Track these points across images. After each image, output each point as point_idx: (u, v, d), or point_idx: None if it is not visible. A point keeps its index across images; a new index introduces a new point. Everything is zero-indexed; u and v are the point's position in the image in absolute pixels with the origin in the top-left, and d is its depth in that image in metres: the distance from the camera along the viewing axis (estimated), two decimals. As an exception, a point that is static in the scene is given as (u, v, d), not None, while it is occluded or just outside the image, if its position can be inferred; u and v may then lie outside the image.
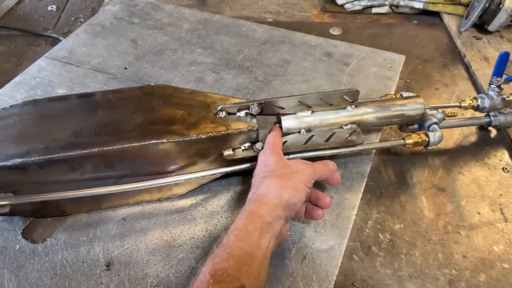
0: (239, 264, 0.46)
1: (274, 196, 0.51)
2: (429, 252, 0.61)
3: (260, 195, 0.52)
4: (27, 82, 0.83)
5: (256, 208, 0.51)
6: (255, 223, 0.49)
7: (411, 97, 0.70)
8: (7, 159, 0.54)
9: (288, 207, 0.52)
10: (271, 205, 0.51)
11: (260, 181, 0.54)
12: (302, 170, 0.56)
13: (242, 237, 0.48)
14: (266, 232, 0.49)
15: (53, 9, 1.18)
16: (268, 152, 0.58)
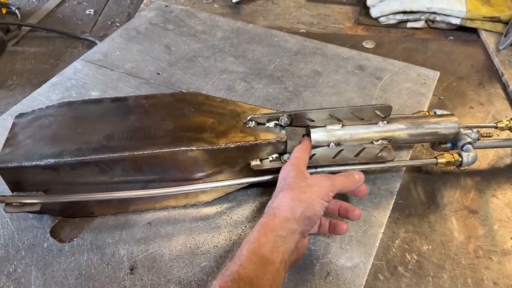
0: (249, 277, 0.45)
1: (286, 209, 0.51)
2: (458, 276, 0.59)
3: (274, 208, 0.51)
4: (63, 83, 0.86)
5: (269, 221, 0.50)
6: (267, 236, 0.48)
7: (445, 115, 0.68)
8: (40, 159, 0.56)
9: (303, 220, 0.51)
10: (284, 218, 0.50)
11: (276, 194, 0.54)
12: (319, 183, 0.55)
13: (253, 249, 0.47)
14: (279, 246, 0.48)
15: (90, 12, 1.21)
16: (289, 166, 0.58)
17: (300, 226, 0.51)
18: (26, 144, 0.58)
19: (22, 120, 0.62)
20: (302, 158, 0.60)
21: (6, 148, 0.58)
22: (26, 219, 0.63)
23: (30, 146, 0.58)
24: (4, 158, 0.56)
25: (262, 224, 0.50)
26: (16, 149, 0.58)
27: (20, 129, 0.61)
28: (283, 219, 0.50)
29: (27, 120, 0.62)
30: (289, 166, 0.58)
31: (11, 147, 0.58)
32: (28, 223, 0.62)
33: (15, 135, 0.60)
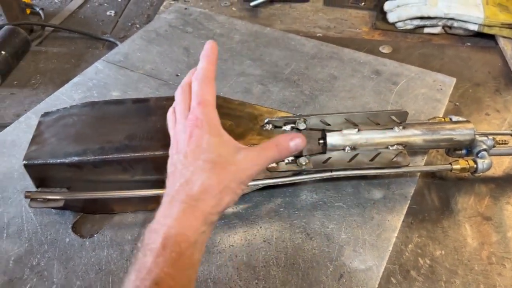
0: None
1: (211, 203, 0.47)
2: (471, 282, 0.59)
3: (195, 196, 0.46)
4: (85, 83, 0.88)
5: (191, 213, 0.46)
6: (187, 235, 0.45)
7: (461, 122, 0.69)
8: (65, 157, 0.58)
9: (224, 210, 0.48)
10: (207, 214, 0.46)
11: (191, 169, 0.47)
12: (250, 166, 0.49)
13: (173, 248, 0.43)
14: (201, 242, 0.46)
15: (111, 14, 1.24)
16: (200, 110, 0.49)
17: (219, 215, 0.48)
18: (51, 142, 0.60)
19: (47, 119, 0.64)
20: (211, 89, 0.51)
21: (32, 146, 0.60)
22: (49, 214, 0.65)
23: (55, 144, 0.60)
24: (31, 155, 0.59)
25: (184, 212, 0.44)
26: (42, 147, 0.60)
27: (45, 127, 0.63)
28: (207, 214, 0.45)
29: (52, 119, 0.64)
30: (200, 110, 0.49)
31: (37, 145, 0.60)
32: (51, 218, 0.64)
33: (41, 133, 0.62)
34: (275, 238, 0.62)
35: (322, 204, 0.67)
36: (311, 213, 0.65)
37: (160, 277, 0.40)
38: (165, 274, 0.41)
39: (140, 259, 0.42)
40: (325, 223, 0.64)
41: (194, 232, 0.44)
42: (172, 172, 0.49)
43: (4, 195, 0.67)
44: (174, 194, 0.46)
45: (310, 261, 0.59)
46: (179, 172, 0.47)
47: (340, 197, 0.68)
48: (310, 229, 0.63)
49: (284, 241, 0.62)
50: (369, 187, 0.69)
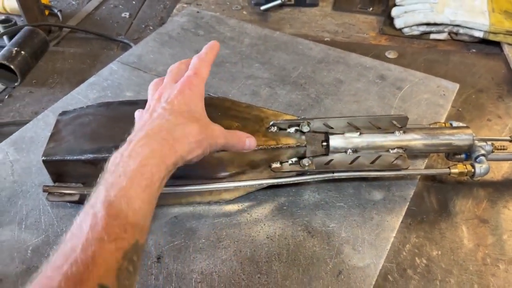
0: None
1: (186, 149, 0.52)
2: (465, 281, 0.62)
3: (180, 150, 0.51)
4: (100, 83, 0.92)
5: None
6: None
7: (460, 128, 0.71)
8: (81, 154, 0.61)
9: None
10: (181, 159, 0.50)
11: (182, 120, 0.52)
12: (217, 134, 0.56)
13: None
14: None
15: (126, 16, 1.28)
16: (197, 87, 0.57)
17: (183, 164, 0.51)
18: (68, 140, 0.64)
19: (64, 118, 0.68)
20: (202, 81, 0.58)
21: (50, 143, 0.64)
22: (64, 208, 0.68)
23: (71, 141, 0.64)
24: (49, 151, 0.62)
25: (162, 147, 0.48)
26: (60, 144, 0.64)
27: (63, 126, 0.67)
28: (178, 157, 0.49)
29: (69, 118, 0.68)
30: (195, 78, 0.57)
31: (55, 142, 0.64)
32: (66, 211, 0.68)
33: (58, 131, 0.66)
34: (278, 235, 0.65)
35: (324, 204, 0.70)
36: (313, 212, 0.68)
37: (132, 197, 0.42)
38: (136, 195, 0.43)
39: (112, 179, 0.44)
40: (326, 222, 0.67)
41: (165, 169, 0.47)
42: (150, 113, 0.53)
43: (23, 189, 0.71)
44: (154, 132, 0.49)
45: (310, 257, 0.62)
46: (159, 114, 0.52)
47: (342, 197, 0.70)
48: (311, 227, 0.66)
49: (286, 238, 0.65)
50: (369, 189, 0.71)
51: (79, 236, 0.37)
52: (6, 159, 0.76)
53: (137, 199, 0.42)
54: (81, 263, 0.35)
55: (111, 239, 0.38)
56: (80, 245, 0.36)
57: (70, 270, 0.34)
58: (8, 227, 0.66)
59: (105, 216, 0.39)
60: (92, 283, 0.35)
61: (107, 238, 0.38)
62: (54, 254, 0.37)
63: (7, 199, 0.69)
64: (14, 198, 0.70)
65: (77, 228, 0.39)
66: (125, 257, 0.38)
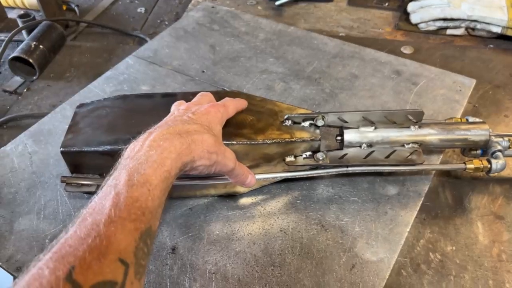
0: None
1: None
2: (480, 277, 0.61)
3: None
4: (116, 77, 0.93)
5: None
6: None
7: (477, 123, 0.70)
8: (98, 145, 0.62)
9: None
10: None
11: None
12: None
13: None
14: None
15: (141, 11, 1.29)
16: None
17: (189, 171, 0.52)
18: (86, 132, 0.65)
19: (82, 110, 0.69)
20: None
21: (68, 135, 0.65)
22: (81, 198, 0.70)
23: (89, 133, 0.65)
24: (67, 143, 0.63)
25: (181, 144, 0.49)
26: (77, 135, 0.65)
27: (80, 118, 0.68)
28: (191, 160, 0.50)
29: (87, 110, 0.69)
30: (223, 108, 0.61)
31: (73, 133, 0.65)
32: (83, 202, 0.69)
33: (76, 123, 0.67)
34: (291, 228, 0.66)
35: (337, 198, 0.70)
36: (327, 206, 0.68)
37: (154, 184, 0.43)
38: (158, 184, 0.44)
39: (133, 164, 0.45)
40: (340, 216, 0.67)
41: (180, 165, 0.48)
42: (174, 117, 0.57)
43: (41, 180, 0.72)
44: (175, 130, 0.50)
45: (324, 251, 0.62)
46: (182, 119, 0.55)
47: (356, 192, 0.70)
48: (325, 221, 0.66)
49: (300, 232, 0.65)
50: (384, 183, 0.71)
51: (101, 212, 0.39)
52: (25, 151, 0.77)
53: (157, 188, 0.44)
54: (104, 237, 0.37)
55: (131, 219, 0.40)
56: (103, 220, 0.38)
57: (94, 242, 0.36)
58: (27, 217, 0.67)
59: (127, 197, 0.41)
60: (114, 256, 0.36)
61: (128, 218, 0.39)
62: (73, 226, 0.38)
63: (26, 190, 0.71)
64: (32, 188, 0.71)
65: (99, 205, 0.40)
66: (141, 238, 0.40)
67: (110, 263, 0.36)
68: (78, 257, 0.35)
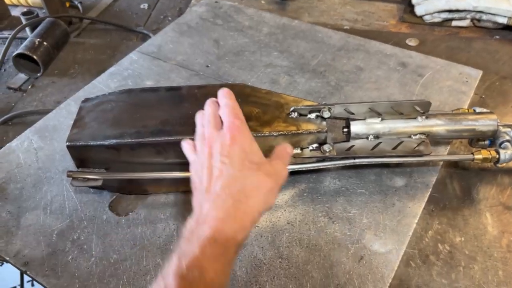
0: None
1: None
2: (489, 268, 0.61)
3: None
4: (120, 73, 0.93)
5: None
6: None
7: (484, 113, 0.70)
8: (104, 139, 0.62)
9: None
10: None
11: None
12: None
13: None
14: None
15: (144, 7, 1.29)
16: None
17: (259, 218, 0.48)
18: (91, 126, 0.65)
19: (87, 105, 0.69)
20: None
21: (74, 129, 0.65)
22: (87, 193, 0.70)
23: (95, 127, 0.64)
24: (73, 137, 0.63)
25: (234, 208, 0.45)
26: (83, 130, 0.64)
27: (86, 112, 0.68)
28: (255, 213, 0.47)
29: (92, 105, 0.69)
30: (239, 122, 0.53)
31: (79, 128, 0.65)
32: (90, 197, 0.69)
33: (82, 117, 0.67)
34: (299, 221, 0.65)
35: (344, 190, 0.69)
36: (334, 198, 0.68)
37: (205, 267, 0.41)
38: (209, 265, 0.41)
39: (185, 246, 0.43)
40: (347, 208, 0.67)
41: (242, 230, 0.44)
42: (208, 171, 0.49)
43: (47, 175, 0.72)
44: (223, 192, 0.46)
45: (331, 243, 0.62)
46: (220, 171, 0.48)
47: (363, 184, 0.70)
48: (332, 213, 0.66)
49: (307, 224, 0.65)
50: (391, 175, 0.71)
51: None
52: (31, 147, 0.77)
53: (210, 270, 0.41)
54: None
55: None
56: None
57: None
58: (33, 212, 0.67)
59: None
60: None
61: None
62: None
63: (32, 185, 0.71)
64: (39, 184, 0.71)
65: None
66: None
67: None
68: None
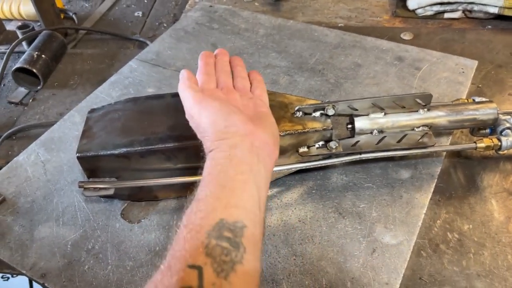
0: (213, 200, 0.43)
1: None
2: (499, 253, 0.62)
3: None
4: (121, 82, 0.93)
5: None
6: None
7: (484, 102, 0.71)
8: (114, 148, 0.63)
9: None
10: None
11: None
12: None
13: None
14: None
15: (139, 15, 1.29)
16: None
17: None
18: (100, 136, 0.66)
19: (94, 115, 0.70)
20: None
21: (83, 140, 0.66)
22: (99, 203, 0.70)
23: (103, 137, 0.65)
24: (83, 148, 0.64)
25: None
26: (92, 140, 0.65)
27: (93, 122, 0.68)
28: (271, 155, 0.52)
29: (99, 115, 0.69)
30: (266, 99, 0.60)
31: (87, 138, 0.66)
32: (101, 206, 0.70)
33: (89, 128, 0.67)
34: (309, 218, 0.66)
35: (352, 185, 0.70)
36: (342, 194, 0.69)
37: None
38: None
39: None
40: (356, 203, 0.68)
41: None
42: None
43: (57, 187, 0.73)
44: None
45: (343, 237, 0.63)
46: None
47: (369, 178, 0.71)
48: (342, 208, 0.67)
49: (318, 221, 0.66)
50: (396, 168, 0.72)
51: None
52: (38, 160, 0.78)
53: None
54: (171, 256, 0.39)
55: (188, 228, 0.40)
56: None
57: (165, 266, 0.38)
58: (46, 224, 0.68)
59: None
60: (181, 266, 0.37)
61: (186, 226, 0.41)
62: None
63: (42, 198, 0.71)
64: (49, 196, 0.72)
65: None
66: (211, 236, 0.38)
67: (178, 273, 0.36)
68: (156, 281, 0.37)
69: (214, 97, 0.53)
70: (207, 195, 0.43)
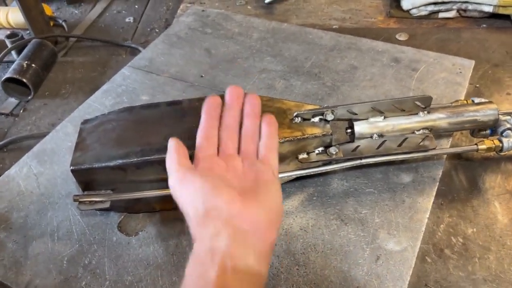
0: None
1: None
2: (504, 257, 0.61)
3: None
4: (114, 90, 0.91)
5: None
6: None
7: (484, 103, 0.70)
8: (109, 160, 0.61)
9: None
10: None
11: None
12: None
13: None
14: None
15: (130, 20, 1.28)
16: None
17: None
18: (94, 148, 0.64)
19: (88, 126, 0.68)
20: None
21: (77, 152, 0.64)
22: (94, 216, 0.68)
23: (98, 149, 0.63)
24: (77, 160, 0.62)
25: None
26: (86, 152, 0.63)
27: (87, 134, 0.66)
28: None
29: (92, 126, 0.68)
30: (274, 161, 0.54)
31: (81, 150, 0.64)
32: (97, 219, 0.68)
33: (83, 139, 0.66)
34: (311, 225, 0.65)
35: (353, 191, 0.69)
36: (344, 200, 0.68)
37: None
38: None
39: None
40: (358, 209, 0.67)
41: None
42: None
43: (51, 201, 0.71)
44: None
45: (347, 245, 0.62)
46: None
47: (370, 183, 0.70)
48: (344, 215, 0.66)
49: (320, 228, 0.64)
50: (397, 172, 0.71)
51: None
52: (30, 172, 0.76)
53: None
54: None
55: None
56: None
57: None
58: (41, 240, 0.66)
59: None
60: None
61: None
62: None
63: (36, 212, 0.69)
64: (43, 210, 0.70)
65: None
66: None
67: None
68: None
69: (201, 171, 0.49)
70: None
